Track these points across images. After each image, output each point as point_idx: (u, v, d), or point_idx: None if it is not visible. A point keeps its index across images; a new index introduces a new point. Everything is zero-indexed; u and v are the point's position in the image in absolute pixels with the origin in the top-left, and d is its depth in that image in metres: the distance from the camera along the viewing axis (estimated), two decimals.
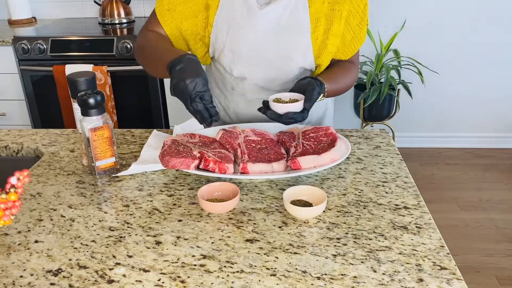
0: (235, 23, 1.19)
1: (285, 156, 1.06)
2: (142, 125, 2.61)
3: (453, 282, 0.73)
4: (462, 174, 2.87)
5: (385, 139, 1.23)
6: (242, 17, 1.19)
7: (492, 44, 2.89)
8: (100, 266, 0.78)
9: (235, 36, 1.20)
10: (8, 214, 0.63)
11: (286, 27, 1.19)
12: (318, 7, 1.17)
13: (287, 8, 1.17)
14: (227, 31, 1.20)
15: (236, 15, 1.19)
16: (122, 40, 2.46)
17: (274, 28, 1.19)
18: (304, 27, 1.18)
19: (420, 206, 0.93)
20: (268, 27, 1.19)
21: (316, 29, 1.19)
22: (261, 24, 1.18)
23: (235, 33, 1.20)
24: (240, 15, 1.19)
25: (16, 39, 2.52)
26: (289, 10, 1.17)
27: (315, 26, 1.19)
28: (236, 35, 1.20)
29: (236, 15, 1.19)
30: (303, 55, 1.22)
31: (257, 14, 1.18)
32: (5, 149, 1.26)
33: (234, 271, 0.76)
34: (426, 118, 3.12)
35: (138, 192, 1.00)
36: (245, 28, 1.19)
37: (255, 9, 1.17)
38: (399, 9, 2.84)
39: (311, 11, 1.17)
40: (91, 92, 1.01)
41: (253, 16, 1.18)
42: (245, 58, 1.22)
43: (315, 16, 1.18)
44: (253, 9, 1.18)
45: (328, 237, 0.84)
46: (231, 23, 1.19)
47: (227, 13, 1.19)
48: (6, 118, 2.73)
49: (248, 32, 1.19)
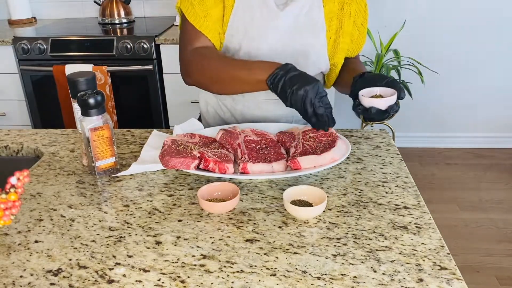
0: (253, 24, 1.19)
1: (285, 156, 1.06)
2: (142, 125, 2.61)
3: (453, 282, 0.73)
4: (462, 174, 2.87)
5: (385, 139, 1.23)
6: (261, 18, 1.19)
7: (492, 44, 2.89)
8: (100, 266, 0.78)
9: (254, 37, 1.20)
10: (8, 214, 0.63)
11: (303, 27, 1.20)
12: (331, 7, 1.20)
13: (303, 8, 1.19)
14: (244, 32, 1.20)
15: (254, 15, 1.18)
16: (122, 40, 2.46)
17: (292, 28, 1.20)
18: (319, 27, 1.21)
19: (420, 206, 0.93)
20: (287, 27, 1.20)
21: (330, 28, 1.22)
22: (282, 25, 1.19)
23: (254, 34, 1.20)
24: (260, 16, 1.19)
25: (16, 39, 2.52)
26: (305, 11, 1.19)
27: (329, 26, 1.22)
28: (254, 36, 1.20)
29: (255, 15, 1.18)
30: (319, 54, 1.23)
31: (277, 14, 1.18)
32: (5, 149, 1.26)
33: (234, 271, 0.76)
34: (426, 118, 3.12)
35: (138, 192, 1.00)
36: (265, 29, 1.19)
37: (276, 10, 1.18)
38: (399, 9, 2.84)
39: (325, 11, 1.20)
40: (91, 92, 1.01)
41: (274, 16, 1.19)
42: (262, 59, 1.21)
43: (329, 16, 1.21)
44: (273, 9, 1.18)
45: (328, 237, 0.84)
46: (248, 23, 1.19)
47: (243, 14, 1.19)
48: (6, 118, 2.73)
49: (268, 32, 1.20)
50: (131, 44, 2.45)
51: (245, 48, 1.21)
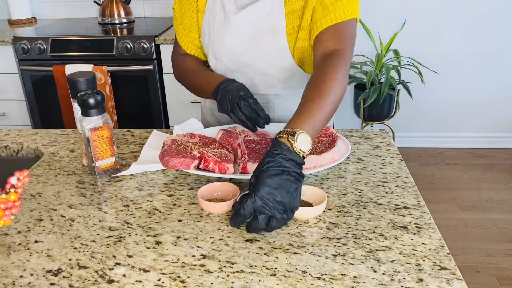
0: (214, 29, 1.20)
1: None
2: (142, 125, 2.60)
3: (453, 282, 0.73)
4: (462, 174, 2.87)
5: (385, 139, 1.23)
6: (220, 22, 1.19)
7: (492, 44, 2.89)
8: (100, 266, 0.78)
9: (215, 42, 1.21)
10: (8, 214, 0.63)
11: (262, 31, 1.16)
12: (293, 6, 1.13)
13: (262, 11, 1.15)
14: (209, 37, 1.21)
15: (215, 20, 1.19)
16: (122, 40, 2.46)
17: (250, 33, 1.17)
18: (280, 29, 1.15)
19: (420, 206, 0.93)
20: (244, 32, 1.17)
21: (294, 29, 1.15)
22: (237, 30, 1.17)
23: (215, 39, 1.20)
24: (218, 20, 1.19)
25: (16, 39, 2.52)
26: (264, 14, 1.15)
27: (291, 27, 1.15)
28: (216, 41, 1.21)
29: (216, 20, 1.19)
30: (282, 57, 1.19)
31: (232, 19, 1.17)
32: (5, 149, 1.26)
33: (234, 271, 0.76)
34: (426, 118, 3.12)
35: (138, 192, 1.00)
36: (223, 34, 1.19)
37: (230, 14, 1.17)
38: (399, 9, 2.84)
39: (286, 11, 1.14)
40: (91, 92, 1.01)
41: (229, 21, 1.17)
42: (226, 64, 1.23)
43: (291, 15, 1.14)
44: (229, 14, 1.17)
45: (328, 237, 0.84)
46: (211, 28, 1.20)
47: (208, 18, 1.20)
48: (6, 118, 2.73)
49: (226, 38, 1.19)
50: (131, 44, 2.45)
51: (211, 52, 1.23)
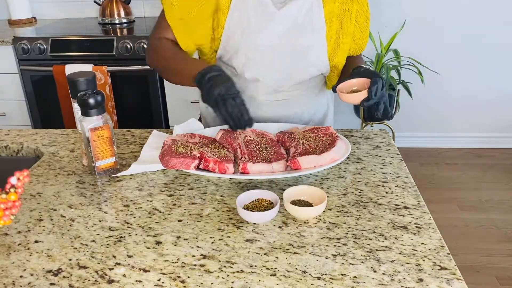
0: (250, 26, 1.18)
1: (285, 156, 1.06)
2: (142, 125, 2.61)
3: (453, 282, 0.73)
4: (462, 174, 2.87)
5: (385, 139, 1.23)
6: (257, 19, 1.17)
7: (492, 44, 2.89)
8: (100, 266, 0.78)
9: (251, 39, 1.19)
10: (8, 214, 0.63)
11: (302, 27, 1.18)
12: (331, 7, 1.19)
13: (302, 8, 1.17)
14: (241, 34, 1.19)
15: (250, 17, 1.17)
16: (122, 40, 2.46)
17: (290, 28, 1.18)
18: (319, 27, 1.19)
19: (420, 206, 0.93)
20: (285, 28, 1.18)
21: (330, 29, 1.20)
22: (278, 25, 1.18)
23: (251, 36, 1.19)
24: (255, 17, 1.17)
25: (16, 39, 2.52)
26: (304, 11, 1.17)
27: (329, 27, 1.20)
28: (251, 37, 1.19)
29: (251, 17, 1.17)
30: (318, 54, 1.22)
31: (274, 15, 1.17)
32: (5, 149, 1.26)
33: (234, 271, 0.76)
34: (426, 118, 3.12)
35: (138, 192, 1.00)
36: (262, 30, 1.18)
37: (272, 10, 1.17)
38: (399, 9, 2.84)
39: (325, 11, 1.18)
40: (91, 92, 1.01)
41: (270, 17, 1.17)
42: (260, 60, 1.21)
43: (329, 17, 1.19)
44: (270, 10, 1.16)
45: (328, 237, 0.84)
46: (245, 25, 1.18)
47: (239, 15, 1.17)
48: (6, 118, 2.73)
49: (265, 34, 1.18)
50: (131, 44, 2.45)
51: (243, 49, 1.20)
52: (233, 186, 1.01)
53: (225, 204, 0.95)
